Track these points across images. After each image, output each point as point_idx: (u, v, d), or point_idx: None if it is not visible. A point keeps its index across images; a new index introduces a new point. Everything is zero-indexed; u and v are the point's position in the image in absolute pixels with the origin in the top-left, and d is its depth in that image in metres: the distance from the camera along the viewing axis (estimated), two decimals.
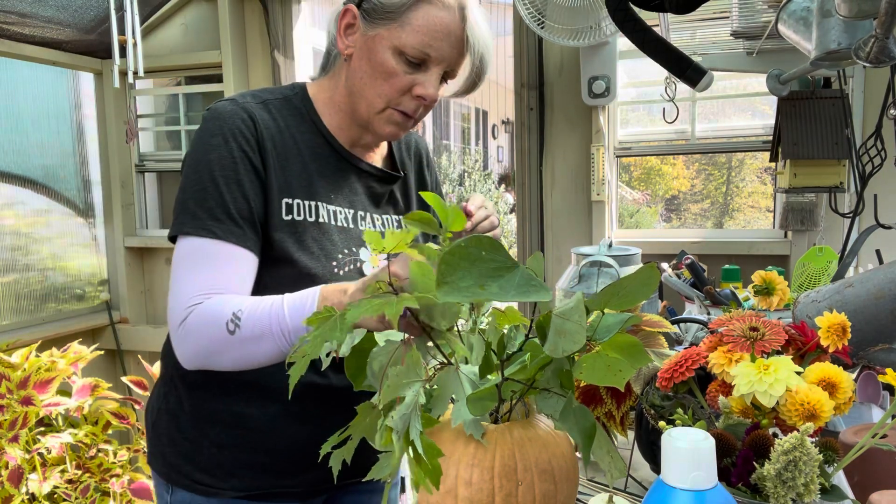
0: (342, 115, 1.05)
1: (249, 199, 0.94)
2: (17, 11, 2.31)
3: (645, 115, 2.68)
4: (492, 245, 0.59)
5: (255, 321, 0.84)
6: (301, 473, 1.03)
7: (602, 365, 0.64)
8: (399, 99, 0.99)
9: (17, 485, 1.96)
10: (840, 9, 0.93)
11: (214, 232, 0.91)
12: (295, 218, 0.99)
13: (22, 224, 2.67)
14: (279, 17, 2.68)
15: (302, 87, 1.08)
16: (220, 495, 1.02)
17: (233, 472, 1.02)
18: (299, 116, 1.04)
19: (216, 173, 0.93)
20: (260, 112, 0.99)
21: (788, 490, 0.64)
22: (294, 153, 1.01)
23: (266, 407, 1.01)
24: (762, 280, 1.36)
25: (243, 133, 0.96)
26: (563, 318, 0.61)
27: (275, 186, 0.97)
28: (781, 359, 0.74)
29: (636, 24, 1.07)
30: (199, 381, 1.03)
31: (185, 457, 1.03)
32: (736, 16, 1.65)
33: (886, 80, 1.52)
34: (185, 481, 1.03)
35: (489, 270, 0.58)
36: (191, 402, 1.03)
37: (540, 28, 2.04)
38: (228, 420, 1.01)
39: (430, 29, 0.95)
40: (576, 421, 0.65)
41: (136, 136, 2.92)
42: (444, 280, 0.56)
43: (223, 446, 1.01)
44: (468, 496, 0.66)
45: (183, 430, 1.04)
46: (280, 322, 0.83)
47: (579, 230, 2.44)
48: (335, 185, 1.04)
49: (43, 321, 2.72)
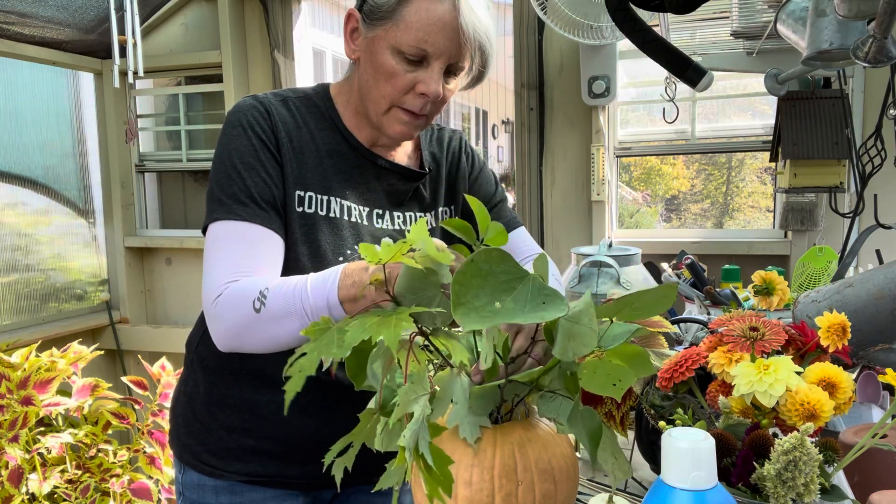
0: (359, 116, 1.06)
1: (271, 184, 0.97)
2: (17, 11, 2.31)
3: (645, 115, 2.68)
4: (501, 257, 0.59)
5: (280, 299, 0.84)
6: (306, 465, 1.05)
7: (602, 373, 0.64)
8: (403, 98, 0.98)
9: (17, 485, 1.96)
10: (838, 9, 0.93)
11: (240, 214, 0.93)
12: (306, 210, 1.00)
13: (22, 224, 2.67)
14: (279, 17, 2.68)
15: (325, 87, 1.09)
16: (225, 477, 1.05)
17: (239, 457, 1.05)
18: (318, 114, 1.05)
19: (237, 161, 0.96)
20: (277, 107, 1.02)
21: (788, 490, 0.64)
22: (311, 148, 1.02)
23: (274, 395, 1.02)
24: (762, 280, 1.36)
25: (259, 123, 0.99)
26: (572, 321, 0.61)
27: (289, 178, 0.99)
28: (781, 359, 0.74)
29: (636, 23, 1.06)
30: (213, 366, 1.07)
31: (196, 438, 1.07)
32: (736, 16, 1.66)
33: (886, 80, 1.52)
34: (194, 461, 1.07)
35: (501, 284, 0.58)
36: (205, 386, 1.07)
37: (543, 12, 2.01)
38: (239, 405, 1.05)
39: (423, 23, 0.94)
40: (583, 424, 0.65)
41: (136, 136, 2.92)
42: (460, 301, 0.56)
43: (232, 430, 1.05)
44: (468, 496, 0.66)
45: (197, 412, 1.08)
46: (303, 299, 0.83)
47: (579, 230, 2.44)
48: (351, 181, 1.05)
49: (43, 321, 2.72)
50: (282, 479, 1.05)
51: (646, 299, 0.64)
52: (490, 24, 1.00)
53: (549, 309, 0.58)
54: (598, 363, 0.66)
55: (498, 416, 0.73)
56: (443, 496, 0.61)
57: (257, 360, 0.96)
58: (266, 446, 1.04)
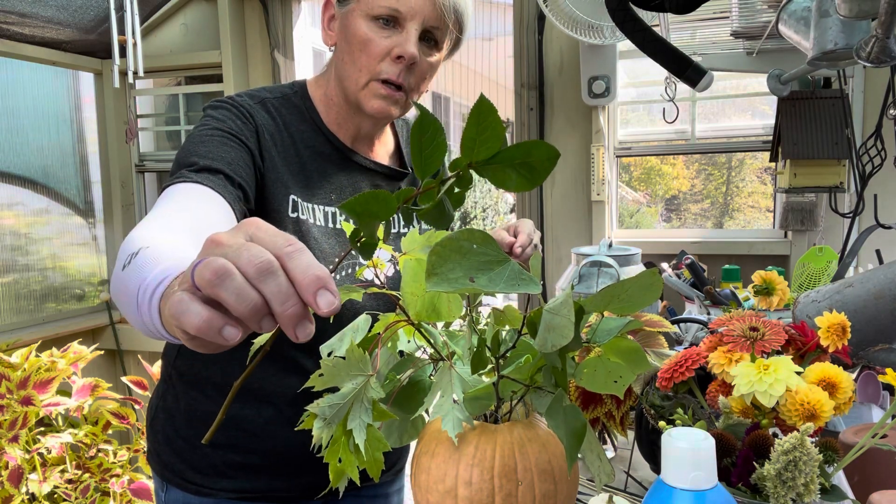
0: (338, 108, 1.04)
1: (232, 159, 0.90)
2: (17, 11, 2.31)
3: (645, 115, 2.68)
4: (484, 238, 0.59)
5: (137, 271, 0.61)
6: (294, 477, 1.03)
7: (602, 371, 0.64)
8: (379, 67, 0.97)
9: (17, 485, 1.96)
10: (840, 9, 0.93)
11: (189, 177, 0.86)
12: (300, 216, 0.99)
13: (22, 224, 2.67)
14: (279, 17, 2.68)
15: (302, 84, 1.07)
16: (212, 495, 1.02)
17: (225, 473, 1.02)
18: (299, 115, 1.03)
19: (197, 141, 0.91)
20: (258, 110, 0.99)
21: (788, 490, 0.64)
22: (292, 153, 1.00)
23: (260, 409, 1.01)
24: (762, 280, 1.36)
25: (234, 118, 0.95)
26: (552, 313, 0.62)
27: (279, 181, 0.97)
28: (781, 359, 0.74)
29: (636, 23, 1.07)
30: (195, 381, 1.03)
31: (179, 455, 1.03)
32: (736, 16, 1.65)
33: (886, 80, 1.52)
34: (178, 480, 1.03)
35: (480, 263, 0.58)
36: (186, 402, 1.03)
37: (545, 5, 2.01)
38: (224, 421, 1.00)
39: None
40: (564, 419, 0.65)
41: (136, 136, 2.93)
42: (434, 271, 0.56)
43: (217, 447, 1.01)
44: (468, 496, 0.66)
45: (178, 428, 1.04)
46: (145, 287, 0.58)
47: (579, 230, 2.44)
48: (336, 183, 1.04)
49: (43, 321, 2.72)
50: (270, 494, 1.03)
51: (631, 289, 0.64)
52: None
53: (524, 285, 0.58)
54: (598, 361, 0.66)
55: (498, 416, 0.73)
56: (353, 473, 0.64)
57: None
58: (253, 461, 1.02)
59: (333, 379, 0.63)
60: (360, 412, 0.63)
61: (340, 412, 0.63)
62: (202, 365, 1.03)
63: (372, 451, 0.65)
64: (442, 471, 0.67)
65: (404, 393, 0.74)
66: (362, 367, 0.64)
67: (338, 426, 0.64)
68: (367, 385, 0.64)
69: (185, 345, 0.48)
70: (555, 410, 0.65)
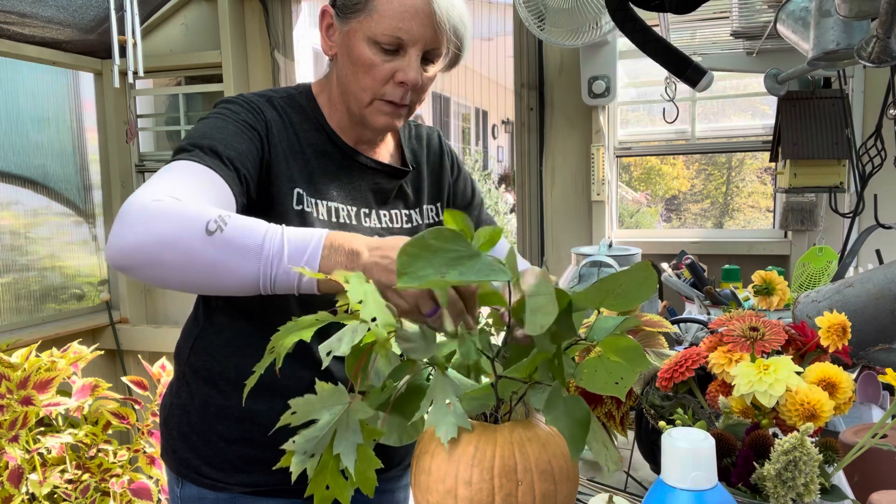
0: (341, 113, 1.06)
1: (241, 151, 0.92)
2: (17, 11, 2.31)
3: (645, 115, 2.68)
4: (453, 236, 0.59)
5: (246, 230, 0.75)
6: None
7: (603, 372, 0.64)
8: (383, 89, 0.98)
9: (17, 485, 1.96)
10: (840, 9, 0.93)
11: (205, 161, 0.87)
12: (305, 209, 1.00)
13: (21, 224, 2.67)
14: (279, 17, 2.68)
15: (307, 86, 1.09)
16: (227, 490, 1.03)
17: (240, 468, 1.03)
18: (303, 114, 1.05)
19: (210, 128, 0.93)
20: (266, 107, 1.01)
21: (788, 490, 0.64)
22: (297, 150, 1.02)
23: (273, 403, 1.01)
24: (762, 280, 1.36)
25: (246, 112, 0.97)
26: (533, 295, 0.62)
27: (285, 175, 0.98)
28: (781, 359, 0.74)
29: (636, 24, 1.07)
30: (209, 377, 1.05)
31: (194, 451, 1.05)
32: (736, 16, 1.66)
33: (886, 80, 1.52)
34: (193, 475, 1.05)
35: (450, 260, 0.59)
36: (201, 398, 1.05)
37: (540, 30, 2.04)
38: (237, 415, 1.03)
39: (396, 11, 0.94)
40: (565, 410, 0.65)
41: (136, 136, 2.92)
42: (404, 271, 0.58)
43: (231, 441, 1.03)
44: (468, 496, 0.66)
45: (193, 424, 1.06)
46: (273, 245, 0.75)
47: (579, 230, 2.44)
48: (338, 181, 1.05)
49: (43, 321, 2.72)
50: (285, 488, 1.03)
51: (626, 282, 0.64)
52: (463, 8, 0.99)
53: (493, 274, 0.59)
54: (597, 362, 0.66)
55: (497, 416, 0.73)
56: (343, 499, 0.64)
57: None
58: (268, 455, 1.02)
59: (307, 415, 0.64)
60: (346, 435, 0.64)
61: (322, 442, 0.64)
62: (216, 361, 1.05)
63: (363, 470, 0.65)
64: (442, 471, 0.67)
65: (403, 397, 0.73)
66: (338, 398, 0.65)
67: (324, 452, 0.65)
68: (351, 409, 0.65)
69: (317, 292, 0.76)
70: (554, 403, 0.65)
